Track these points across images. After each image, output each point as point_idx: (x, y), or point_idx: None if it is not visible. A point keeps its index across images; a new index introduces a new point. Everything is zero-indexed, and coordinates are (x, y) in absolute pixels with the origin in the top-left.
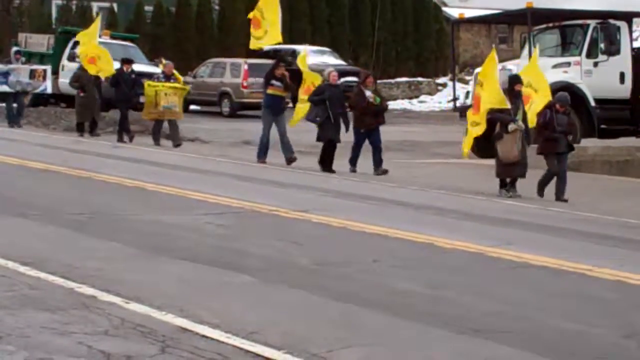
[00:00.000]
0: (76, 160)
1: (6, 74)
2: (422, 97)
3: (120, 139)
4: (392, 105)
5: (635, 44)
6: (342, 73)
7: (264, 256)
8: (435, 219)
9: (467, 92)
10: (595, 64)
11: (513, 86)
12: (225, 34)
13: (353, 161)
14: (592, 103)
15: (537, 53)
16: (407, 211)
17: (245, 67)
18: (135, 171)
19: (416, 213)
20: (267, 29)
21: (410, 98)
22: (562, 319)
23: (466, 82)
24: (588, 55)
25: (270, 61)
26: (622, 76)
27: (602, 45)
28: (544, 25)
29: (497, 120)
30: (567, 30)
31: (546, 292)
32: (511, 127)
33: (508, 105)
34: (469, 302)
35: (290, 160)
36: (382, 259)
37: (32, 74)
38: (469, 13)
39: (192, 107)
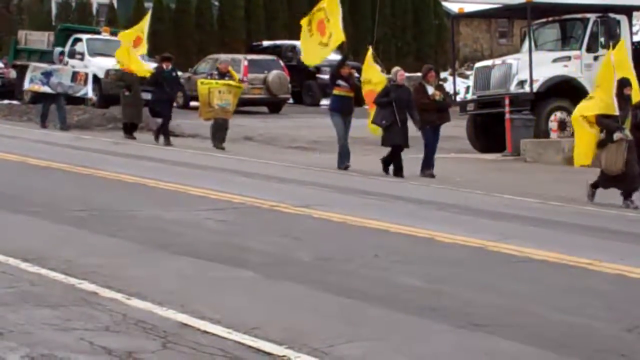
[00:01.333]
0: (77, 157)
1: (49, 75)
2: None
3: (167, 142)
4: None
5: (636, 38)
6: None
7: (264, 251)
8: (435, 214)
9: (468, 87)
10: (596, 58)
11: (622, 90)
12: (225, 30)
13: (427, 166)
14: None
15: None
16: (407, 206)
17: (245, 63)
18: (136, 167)
19: (416, 208)
20: (332, 32)
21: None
22: (562, 313)
23: (466, 77)
24: (588, 49)
25: (268, 57)
26: None
27: (602, 39)
28: (543, 20)
29: (603, 126)
30: (567, 24)
31: (546, 286)
32: (617, 135)
33: (616, 112)
34: (470, 297)
35: (345, 167)
36: (383, 254)
37: (74, 76)
38: (468, 8)
39: (193, 103)
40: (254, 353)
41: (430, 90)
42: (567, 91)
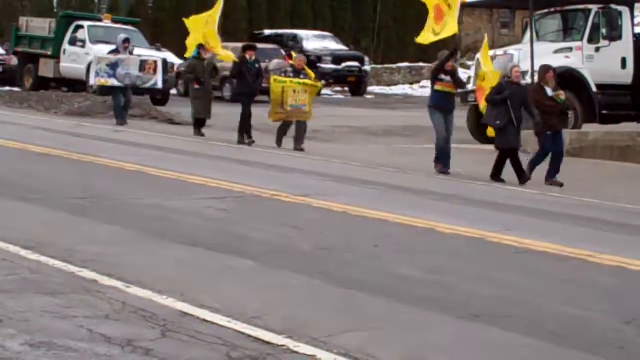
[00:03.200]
0: (77, 145)
1: (114, 66)
2: (424, 83)
3: (241, 141)
4: (393, 90)
5: (637, 30)
6: (343, 58)
7: (264, 241)
8: (435, 204)
9: (469, 78)
10: (597, 49)
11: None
12: (226, 19)
13: (533, 166)
14: (594, 88)
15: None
16: (407, 196)
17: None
18: (136, 155)
19: (417, 198)
20: (447, 22)
21: (412, 83)
22: (562, 305)
23: (468, 68)
24: (590, 41)
25: (270, 46)
26: (623, 61)
27: (603, 31)
28: (545, 10)
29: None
30: (569, 15)
31: (546, 277)
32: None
33: None
34: (469, 287)
35: (444, 172)
36: (383, 244)
37: (142, 66)
38: None
39: None
40: (253, 342)
41: (550, 91)
42: (569, 82)
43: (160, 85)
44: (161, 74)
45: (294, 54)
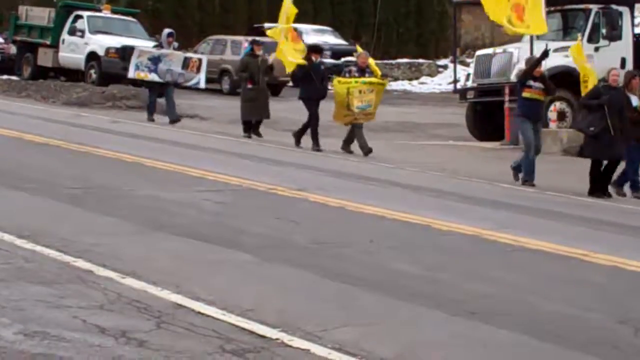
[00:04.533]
0: (75, 135)
1: (156, 60)
2: (423, 79)
3: (316, 148)
4: (392, 86)
5: (637, 30)
6: (341, 53)
7: (261, 234)
8: (432, 201)
9: (468, 75)
10: (597, 49)
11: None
12: (226, 11)
13: (621, 182)
14: None
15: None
16: (404, 192)
17: (246, 44)
18: (134, 147)
19: (414, 194)
20: (530, 22)
21: (411, 79)
22: (557, 303)
23: (467, 65)
24: (589, 40)
25: (270, 39)
26: (623, 61)
27: (603, 31)
28: (545, 9)
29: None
30: (569, 15)
31: (542, 276)
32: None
33: None
34: (465, 284)
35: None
36: (379, 240)
37: (186, 63)
38: None
39: None
40: (247, 335)
41: (635, 100)
42: (568, 82)
43: (203, 84)
44: (205, 72)
45: (359, 49)
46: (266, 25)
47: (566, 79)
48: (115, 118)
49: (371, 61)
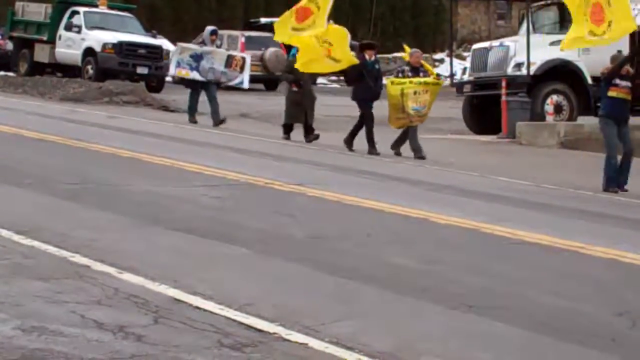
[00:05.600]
0: (72, 130)
1: (198, 58)
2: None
3: (372, 151)
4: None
5: None
6: None
7: (258, 229)
8: (430, 195)
9: (464, 68)
10: None
11: None
12: (222, 6)
13: None
14: (589, 81)
15: None
16: (402, 186)
17: (242, 39)
18: (131, 142)
19: (411, 188)
20: (611, 20)
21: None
22: (554, 296)
23: (463, 59)
24: None
25: (266, 34)
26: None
27: None
28: (542, 2)
29: None
30: (566, 8)
31: (539, 269)
32: None
33: None
34: (462, 278)
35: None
36: (377, 234)
37: (229, 61)
38: None
39: None
40: (245, 329)
41: None
42: (564, 74)
43: (246, 84)
44: (248, 71)
45: (407, 49)
46: (262, 20)
47: (562, 71)
48: (112, 114)
49: (424, 61)
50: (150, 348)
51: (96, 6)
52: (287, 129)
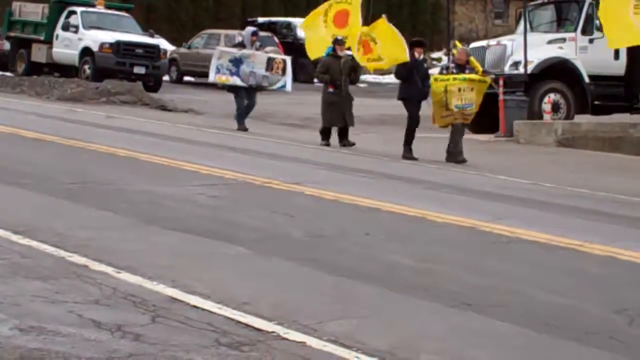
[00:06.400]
0: (69, 130)
1: (238, 62)
2: None
3: (408, 155)
4: (386, 78)
5: None
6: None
7: (256, 228)
8: (427, 193)
9: None
10: (591, 41)
11: None
12: (220, 5)
13: None
14: (587, 79)
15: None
16: (399, 185)
17: (239, 38)
18: (128, 141)
19: (409, 186)
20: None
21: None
22: (552, 294)
23: None
24: (583, 32)
25: (263, 33)
26: (616, 53)
27: (597, 22)
28: (539, 1)
29: None
30: (563, 6)
31: (537, 267)
32: None
33: None
34: (461, 276)
35: None
36: (374, 232)
37: (270, 64)
38: None
39: (186, 78)
40: (243, 328)
41: None
42: (562, 73)
43: (289, 87)
44: (290, 74)
45: (459, 45)
46: (260, 19)
47: (560, 70)
48: (109, 113)
49: (472, 58)
50: (148, 347)
51: (93, 6)
52: (326, 134)
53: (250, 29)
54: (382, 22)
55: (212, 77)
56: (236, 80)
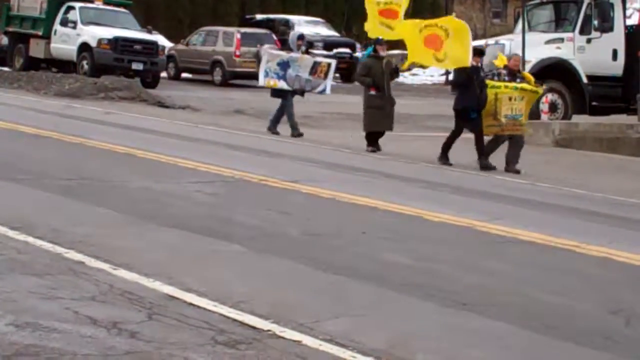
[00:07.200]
0: (67, 126)
1: (285, 66)
2: (415, 70)
3: (444, 160)
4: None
5: (629, 22)
6: (334, 44)
7: (253, 225)
8: (424, 192)
9: None
10: (589, 41)
11: None
12: (218, 3)
13: None
14: (584, 80)
15: None
16: (396, 184)
17: (238, 36)
18: (126, 138)
19: (406, 186)
20: None
21: (402, 71)
22: (549, 294)
23: None
24: (581, 32)
25: (261, 30)
26: (614, 53)
27: (595, 22)
28: (537, 1)
29: None
30: (561, 6)
31: (534, 267)
32: None
33: None
34: (457, 276)
35: None
36: (371, 231)
37: (314, 68)
38: None
39: (184, 75)
40: (239, 327)
41: None
42: (559, 73)
43: (329, 91)
44: (332, 77)
45: (501, 56)
46: (258, 16)
47: (558, 70)
48: (107, 109)
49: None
50: (144, 345)
51: (92, 2)
52: (372, 138)
53: (296, 32)
54: (454, 19)
55: (262, 81)
56: (283, 85)
